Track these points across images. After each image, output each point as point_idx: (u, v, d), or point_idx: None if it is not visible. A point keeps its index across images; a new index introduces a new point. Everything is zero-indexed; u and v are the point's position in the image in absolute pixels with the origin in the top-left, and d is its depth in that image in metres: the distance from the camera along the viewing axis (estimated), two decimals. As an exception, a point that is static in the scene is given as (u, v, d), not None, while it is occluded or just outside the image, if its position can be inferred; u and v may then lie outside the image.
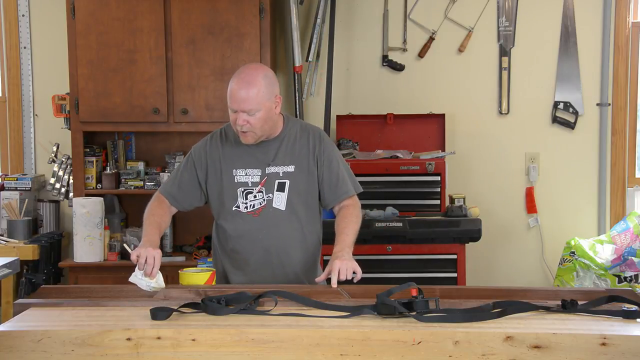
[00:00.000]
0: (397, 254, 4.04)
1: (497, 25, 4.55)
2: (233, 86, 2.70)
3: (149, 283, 2.55)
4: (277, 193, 2.80)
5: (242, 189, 2.81)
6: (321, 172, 2.85)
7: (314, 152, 2.85)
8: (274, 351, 2.05)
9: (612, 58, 4.52)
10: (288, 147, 2.84)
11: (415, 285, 2.25)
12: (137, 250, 2.58)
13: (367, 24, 4.57)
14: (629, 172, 4.58)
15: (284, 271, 2.80)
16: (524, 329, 2.07)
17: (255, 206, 2.81)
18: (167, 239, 4.36)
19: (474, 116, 4.57)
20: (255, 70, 2.75)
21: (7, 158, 4.65)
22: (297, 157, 2.84)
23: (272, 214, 2.80)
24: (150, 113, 4.11)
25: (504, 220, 4.59)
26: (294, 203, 2.82)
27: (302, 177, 2.83)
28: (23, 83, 4.59)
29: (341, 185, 2.87)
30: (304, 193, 2.84)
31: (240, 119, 2.69)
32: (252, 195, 2.81)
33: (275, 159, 2.82)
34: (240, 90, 2.68)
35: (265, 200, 2.81)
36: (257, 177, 2.81)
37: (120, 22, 4.08)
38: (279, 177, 2.81)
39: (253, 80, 2.69)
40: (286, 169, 2.82)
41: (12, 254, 3.94)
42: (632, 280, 4.06)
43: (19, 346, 2.05)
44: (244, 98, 2.67)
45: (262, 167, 2.81)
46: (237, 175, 2.82)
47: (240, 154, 2.83)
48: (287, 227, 2.83)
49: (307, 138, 2.87)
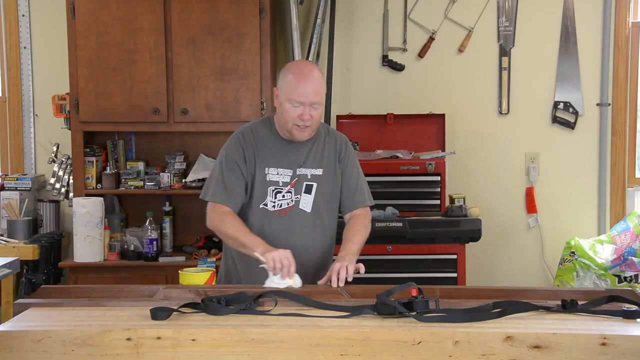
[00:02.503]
0: (397, 254, 4.04)
1: (497, 25, 4.55)
2: (294, 80, 2.72)
3: (287, 284, 2.55)
4: (304, 195, 2.82)
5: (273, 187, 2.81)
6: (343, 177, 2.89)
7: (340, 156, 2.89)
8: (274, 351, 2.05)
9: (612, 58, 4.52)
10: (318, 150, 2.87)
11: (415, 285, 2.25)
12: (269, 256, 2.57)
13: (367, 24, 4.57)
14: (629, 172, 4.58)
15: (303, 272, 2.79)
16: (524, 329, 2.08)
17: (283, 206, 2.82)
18: (167, 239, 4.37)
19: (474, 116, 4.57)
20: (312, 64, 2.87)
21: (7, 158, 4.65)
22: (325, 160, 2.87)
23: (298, 215, 2.81)
24: (150, 113, 4.11)
25: (504, 220, 4.59)
26: (319, 206, 2.84)
27: (329, 181, 2.86)
28: (23, 83, 4.59)
29: (359, 193, 2.91)
30: (328, 197, 2.86)
31: (307, 113, 2.71)
32: (281, 195, 2.81)
33: (307, 161, 2.84)
34: (308, 82, 2.71)
35: (293, 200, 2.82)
36: (287, 177, 2.82)
37: (120, 22, 4.08)
38: (307, 179, 2.83)
39: (316, 75, 2.75)
40: (315, 171, 2.84)
41: (12, 254, 3.94)
42: (632, 280, 4.06)
43: (19, 346, 2.05)
44: (313, 91, 2.71)
45: (294, 167, 2.83)
46: (269, 173, 2.82)
47: (273, 153, 2.84)
48: (310, 229, 2.84)
49: (335, 142, 2.90)
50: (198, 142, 4.48)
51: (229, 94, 4.11)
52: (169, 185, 4.26)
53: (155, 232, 4.19)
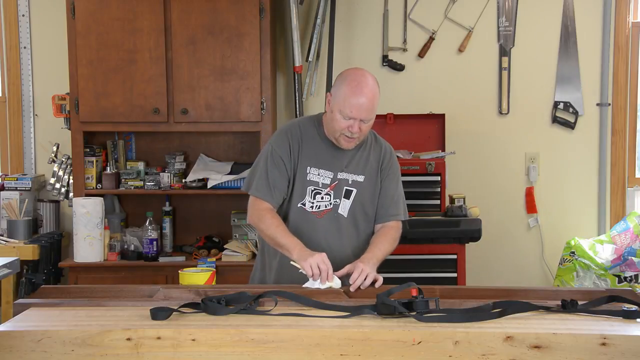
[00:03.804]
0: (397, 254, 4.00)
1: (497, 25, 4.55)
2: (349, 92, 2.67)
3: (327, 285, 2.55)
4: (343, 200, 2.81)
5: (312, 188, 2.80)
6: (382, 187, 2.86)
7: (382, 166, 2.87)
8: (274, 351, 2.05)
9: (612, 58, 4.52)
10: (363, 157, 2.85)
11: (415, 285, 2.25)
12: (306, 264, 2.56)
13: (367, 24, 4.57)
14: (629, 172, 4.58)
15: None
16: (524, 329, 2.08)
17: (321, 208, 2.80)
18: (167, 239, 4.37)
19: (474, 116, 4.57)
20: (370, 78, 2.73)
21: (7, 158, 4.65)
22: (368, 168, 2.85)
23: (335, 219, 2.80)
24: (150, 113, 4.11)
25: (504, 220, 4.59)
26: (356, 212, 2.82)
27: (369, 189, 2.84)
28: (23, 83, 4.59)
29: (394, 206, 2.88)
30: (367, 204, 2.84)
31: (356, 127, 2.69)
32: (320, 197, 2.80)
33: (349, 166, 2.82)
34: (362, 97, 2.67)
35: (332, 204, 2.80)
36: (328, 179, 2.80)
37: (120, 22, 4.08)
38: (348, 184, 2.82)
39: (373, 90, 2.70)
40: (356, 177, 2.82)
41: (12, 254, 3.94)
42: (632, 280, 4.06)
43: (19, 346, 2.05)
44: (366, 107, 2.68)
45: (335, 171, 2.81)
46: (310, 173, 2.80)
47: (317, 153, 2.81)
48: (346, 234, 2.82)
49: (380, 151, 2.88)
50: (198, 142, 4.48)
51: (229, 94, 4.11)
52: (169, 185, 4.26)
53: (155, 232, 4.19)
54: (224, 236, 4.37)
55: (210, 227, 4.46)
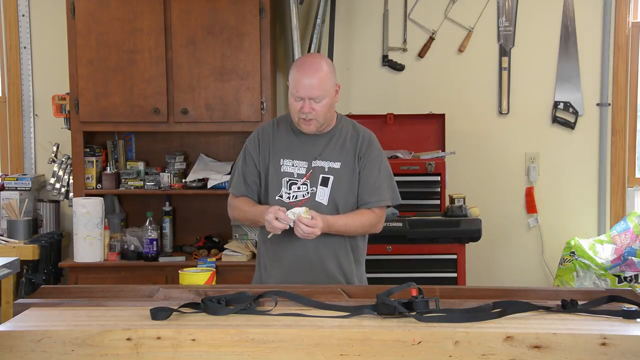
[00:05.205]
0: (397, 254, 4.04)
1: (497, 25, 4.55)
2: (298, 74, 2.76)
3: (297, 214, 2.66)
4: (320, 187, 2.82)
5: (287, 179, 2.83)
6: (361, 175, 2.86)
7: (359, 153, 2.87)
8: (274, 351, 2.05)
9: (612, 58, 4.52)
10: (338, 144, 2.86)
11: (415, 285, 2.25)
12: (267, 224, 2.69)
13: (367, 24, 4.57)
14: (629, 172, 4.58)
15: (323, 266, 2.80)
16: (524, 329, 2.08)
17: (298, 197, 2.82)
18: (167, 238, 4.37)
19: (474, 116, 4.57)
20: (319, 58, 2.86)
21: (7, 158, 4.65)
22: (345, 155, 2.85)
23: (315, 207, 2.80)
24: (150, 113, 4.11)
25: (504, 220, 4.59)
26: (337, 199, 2.83)
27: (347, 176, 2.84)
28: (23, 83, 4.59)
29: (376, 192, 2.86)
30: (346, 191, 2.85)
31: (307, 106, 2.74)
32: (296, 187, 2.82)
33: (323, 154, 2.84)
34: (307, 77, 2.74)
35: (309, 192, 2.82)
36: (303, 169, 2.83)
37: (120, 22, 4.08)
38: (324, 171, 2.83)
39: (319, 68, 2.76)
40: (332, 165, 2.84)
41: (12, 254, 3.94)
42: (632, 280, 4.06)
43: (19, 346, 2.05)
44: (312, 85, 2.73)
45: (309, 159, 2.84)
46: (284, 165, 2.84)
47: (289, 145, 2.86)
48: None
49: (357, 138, 2.89)
50: (198, 142, 4.48)
51: (229, 94, 4.11)
52: (169, 185, 4.26)
53: (155, 232, 4.19)
54: (224, 236, 4.37)
55: (210, 227, 4.46)
